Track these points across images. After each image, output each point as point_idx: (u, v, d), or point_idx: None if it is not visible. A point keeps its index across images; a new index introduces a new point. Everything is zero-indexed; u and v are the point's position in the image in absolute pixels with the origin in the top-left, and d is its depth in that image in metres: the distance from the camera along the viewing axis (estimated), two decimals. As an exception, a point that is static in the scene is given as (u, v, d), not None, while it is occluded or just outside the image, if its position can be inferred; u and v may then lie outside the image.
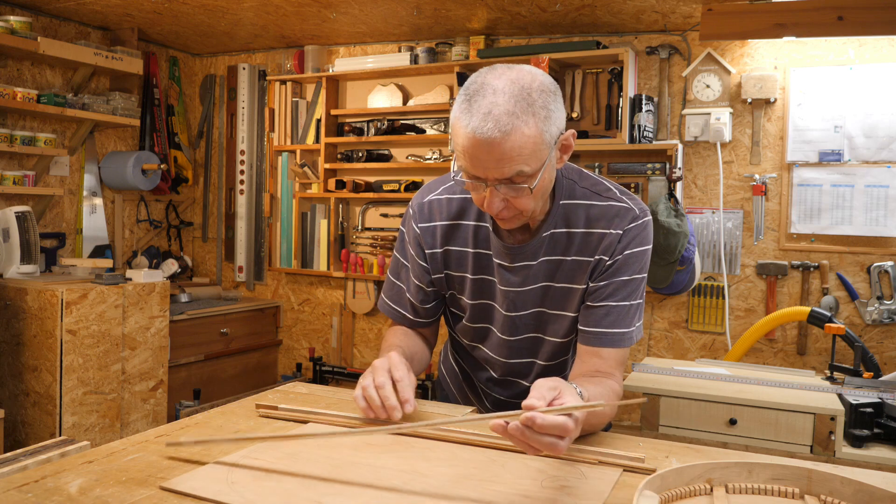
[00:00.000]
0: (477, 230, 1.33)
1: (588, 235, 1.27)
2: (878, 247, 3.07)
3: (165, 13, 3.50)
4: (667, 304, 3.44)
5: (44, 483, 0.91)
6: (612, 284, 1.25)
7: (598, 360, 1.25)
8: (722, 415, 2.23)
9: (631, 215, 1.26)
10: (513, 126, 1.06)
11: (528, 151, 1.08)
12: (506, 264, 1.30)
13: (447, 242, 1.36)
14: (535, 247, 1.28)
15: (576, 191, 1.28)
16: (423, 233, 1.38)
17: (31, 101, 3.24)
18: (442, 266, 1.38)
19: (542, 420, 0.86)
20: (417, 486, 0.93)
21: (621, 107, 3.27)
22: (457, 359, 1.56)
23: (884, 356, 3.05)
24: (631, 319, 1.26)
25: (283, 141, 4.16)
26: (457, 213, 1.35)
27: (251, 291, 4.41)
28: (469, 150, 1.09)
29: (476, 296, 1.37)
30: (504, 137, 1.06)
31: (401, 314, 1.44)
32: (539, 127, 1.08)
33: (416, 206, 1.40)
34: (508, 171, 1.09)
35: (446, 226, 1.36)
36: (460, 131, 1.10)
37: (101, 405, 3.04)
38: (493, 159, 1.08)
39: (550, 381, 0.97)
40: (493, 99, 1.07)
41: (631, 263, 1.25)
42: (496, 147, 1.06)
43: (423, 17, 3.46)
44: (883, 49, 3.03)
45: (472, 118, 1.07)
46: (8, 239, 3.12)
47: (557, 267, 1.29)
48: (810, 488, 0.89)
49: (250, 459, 1.00)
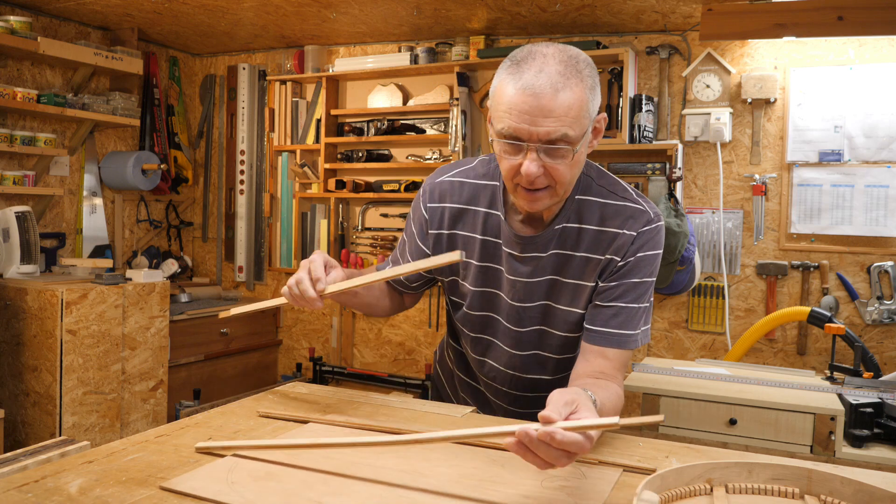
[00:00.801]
0: (487, 217, 1.33)
1: (600, 233, 1.26)
2: (878, 247, 3.07)
3: (165, 13, 3.50)
4: (667, 304, 3.44)
5: (44, 483, 0.91)
6: (622, 286, 1.25)
7: (602, 361, 1.24)
8: (722, 415, 2.23)
9: (646, 218, 1.26)
10: (564, 85, 1.09)
11: (575, 113, 1.10)
12: (516, 254, 1.30)
13: (454, 226, 1.36)
14: (546, 238, 1.28)
15: (592, 187, 1.29)
16: (430, 214, 1.38)
17: (31, 101, 3.24)
18: (446, 249, 1.37)
19: (562, 437, 0.83)
20: (417, 486, 0.93)
21: (621, 107, 3.27)
22: (457, 352, 1.54)
23: (884, 356, 3.05)
24: (638, 322, 1.26)
25: (283, 141, 4.16)
26: (468, 198, 1.35)
27: (251, 291, 4.42)
28: (517, 105, 1.10)
29: (480, 283, 1.36)
30: (555, 94, 1.08)
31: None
32: (586, 94, 1.12)
33: (429, 186, 1.40)
34: (554, 131, 1.09)
35: (455, 209, 1.35)
36: (508, 90, 1.11)
37: (101, 405, 3.04)
38: (542, 114, 1.08)
39: (567, 393, 0.93)
40: (543, 61, 1.10)
41: (643, 266, 1.25)
42: (547, 103, 1.08)
43: (423, 17, 3.46)
44: (883, 49, 3.03)
45: (524, 76, 1.10)
46: (8, 239, 3.12)
47: (567, 262, 1.29)
48: (810, 488, 0.89)
49: (257, 452, 1.00)
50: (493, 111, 1.16)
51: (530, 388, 1.43)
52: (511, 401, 1.46)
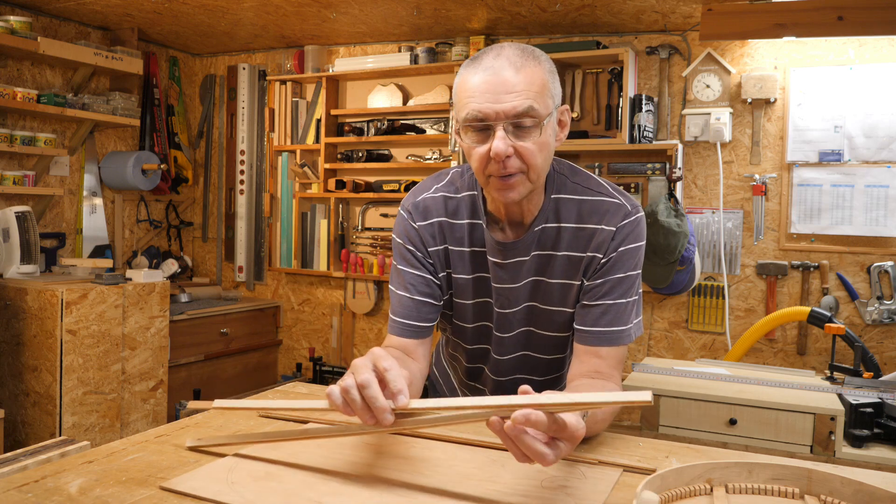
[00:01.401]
0: (472, 228, 1.31)
1: (579, 230, 1.25)
2: (878, 247, 3.07)
3: (165, 13, 3.50)
4: (667, 304, 3.44)
5: (44, 483, 0.91)
6: (607, 283, 1.24)
7: (597, 360, 1.24)
8: (722, 415, 2.23)
9: (623, 212, 1.25)
10: (523, 63, 1.12)
11: (538, 88, 1.11)
12: (499, 261, 1.29)
13: (445, 241, 1.33)
14: (527, 242, 1.27)
15: (567, 185, 1.27)
16: (423, 231, 1.33)
17: (31, 101, 3.24)
18: (444, 265, 1.34)
19: (538, 417, 0.78)
20: (417, 485, 0.93)
21: (621, 107, 3.27)
22: (454, 357, 1.54)
23: (884, 356, 3.05)
24: (628, 316, 1.25)
25: (283, 141, 4.16)
26: (452, 211, 1.32)
27: (251, 291, 4.42)
28: (479, 87, 1.11)
29: (475, 295, 1.35)
30: (515, 70, 1.11)
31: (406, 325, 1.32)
32: (546, 75, 1.14)
33: (411, 205, 1.34)
34: (520, 104, 1.10)
35: (445, 223, 1.33)
36: (468, 80, 1.13)
37: (101, 405, 3.04)
38: (504, 90, 1.10)
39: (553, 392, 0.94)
40: (499, 50, 1.14)
41: (625, 260, 1.24)
42: (508, 77, 1.10)
43: (423, 17, 3.46)
44: (883, 49, 3.03)
45: (482, 63, 1.13)
46: (8, 239, 3.12)
47: (548, 262, 1.28)
48: (810, 488, 0.89)
49: (259, 450, 1.00)
50: (456, 107, 1.16)
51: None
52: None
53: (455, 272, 1.35)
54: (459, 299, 1.37)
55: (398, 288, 1.34)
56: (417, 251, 1.33)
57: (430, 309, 1.33)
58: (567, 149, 3.41)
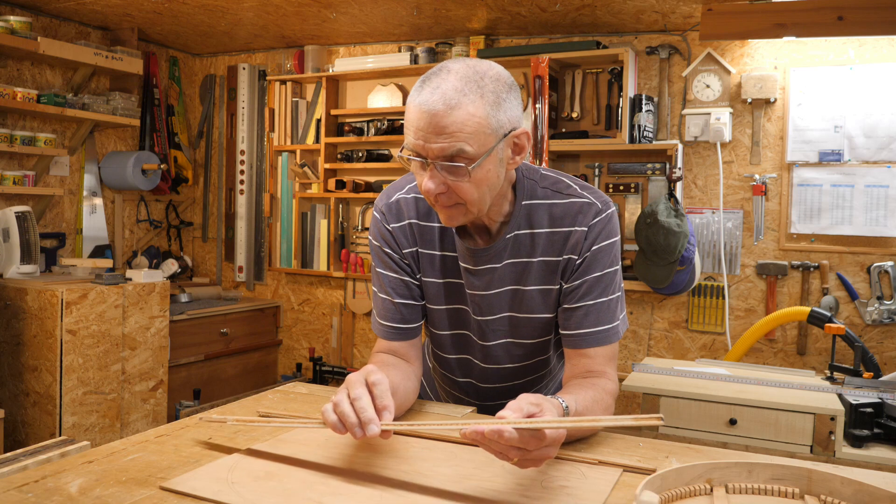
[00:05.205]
0: (443, 232, 1.30)
1: (553, 235, 1.25)
2: (878, 247, 3.07)
3: (165, 13, 3.50)
4: (667, 304, 3.44)
5: (44, 483, 0.91)
6: (585, 283, 1.23)
7: (587, 361, 1.23)
8: (722, 415, 2.23)
9: (594, 210, 1.24)
10: (458, 101, 1.07)
11: (471, 130, 1.08)
12: (470, 267, 1.28)
13: (417, 243, 1.32)
14: (498, 249, 1.25)
15: (537, 191, 1.26)
16: (396, 233, 1.32)
17: (31, 101, 3.24)
18: (416, 268, 1.33)
19: (510, 435, 0.85)
20: (417, 485, 0.93)
21: (621, 107, 3.27)
22: (441, 361, 1.52)
23: (884, 356, 3.05)
24: (612, 314, 1.24)
25: (283, 141, 4.16)
26: (425, 213, 1.31)
27: (251, 291, 4.41)
28: (414, 121, 1.10)
29: (448, 300, 1.34)
30: (448, 111, 1.07)
31: (392, 328, 1.33)
32: (486, 110, 1.09)
33: (384, 206, 1.34)
34: (449, 147, 1.08)
35: (416, 225, 1.32)
36: (410, 107, 1.12)
37: (101, 405, 3.04)
38: (434, 132, 1.08)
39: (533, 397, 0.94)
40: (445, 77, 1.10)
41: (601, 259, 1.23)
42: (439, 119, 1.07)
43: (423, 17, 3.46)
44: (883, 49, 3.03)
45: (422, 93, 1.10)
46: (8, 239, 3.12)
47: (525, 269, 1.27)
48: (810, 488, 0.89)
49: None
50: (404, 127, 1.16)
51: (508, 396, 1.42)
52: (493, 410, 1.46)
53: (425, 276, 1.33)
54: (432, 305, 1.35)
55: (380, 291, 1.35)
56: (394, 253, 1.33)
57: (412, 310, 1.34)
58: (567, 149, 3.41)
